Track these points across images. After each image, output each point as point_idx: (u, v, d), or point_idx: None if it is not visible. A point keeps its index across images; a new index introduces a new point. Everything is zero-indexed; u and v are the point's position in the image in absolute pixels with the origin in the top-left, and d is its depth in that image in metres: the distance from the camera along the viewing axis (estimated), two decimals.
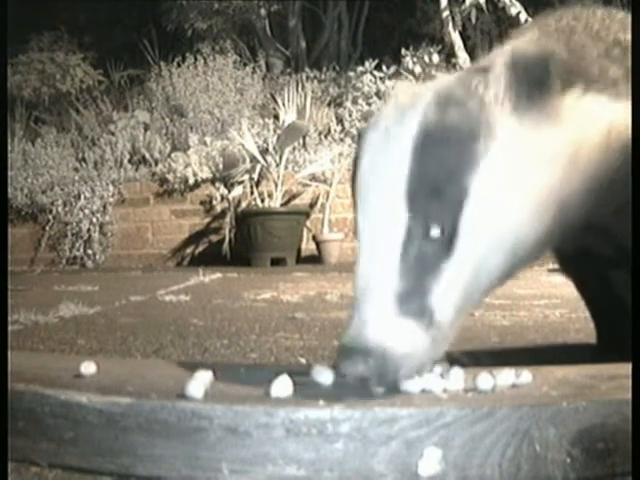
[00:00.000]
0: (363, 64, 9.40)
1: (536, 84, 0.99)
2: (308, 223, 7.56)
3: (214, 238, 7.74)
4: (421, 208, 0.92)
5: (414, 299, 0.92)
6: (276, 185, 7.44)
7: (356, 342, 0.90)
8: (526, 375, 1.02)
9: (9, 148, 7.92)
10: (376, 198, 0.95)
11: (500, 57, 1.02)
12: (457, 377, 1.00)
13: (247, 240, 7.15)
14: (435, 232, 0.92)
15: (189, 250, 7.86)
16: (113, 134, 8.42)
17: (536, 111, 1.00)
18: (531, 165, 0.99)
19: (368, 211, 0.96)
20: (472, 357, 1.09)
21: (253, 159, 7.49)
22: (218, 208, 7.72)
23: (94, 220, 7.71)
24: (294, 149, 7.91)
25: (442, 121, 0.95)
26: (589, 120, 1.06)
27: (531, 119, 0.99)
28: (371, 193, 0.96)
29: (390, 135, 0.98)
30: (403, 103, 1.01)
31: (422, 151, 0.93)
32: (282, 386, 0.96)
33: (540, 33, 1.21)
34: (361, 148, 1.02)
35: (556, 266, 1.62)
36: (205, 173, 7.73)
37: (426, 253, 0.92)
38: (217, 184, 7.69)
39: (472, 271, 0.96)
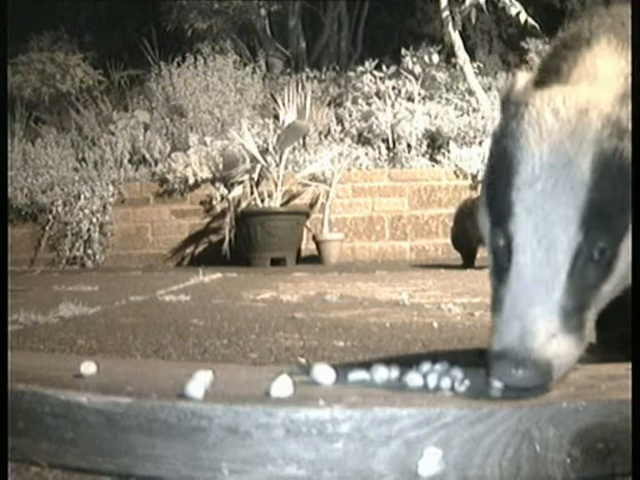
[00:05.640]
0: (363, 64, 9.41)
1: None
2: (308, 223, 7.56)
3: (214, 238, 7.74)
4: (593, 233, 0.98)
5: (575, 315, 0.97)
6: (276, 185, 7.44)
7: (523, 352, 0.92)
8: None
9: (9, 148, 7.91)
10: (548, 217, 0.98)
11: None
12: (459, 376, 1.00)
13: (247, 240, 7.15)
14: (599, 254, 0.99)
15: (189, 250, 7.86)
16: (113, 134, 8.42)
17: None
18: None
19: (537, 227, 0.99)
20: (472, 357, 1.09)
21: (253, 159, 7.49)
22: (218, 208, 7.72)
23: (94, 220, 7.71)
24: (294, 149, 7.91)
25: (620, 155, 1.00)
26: None
27: None
28: (541, 212, 0.98)
29: (563, 158, 0.99)
30: (565, 116, 1.02)
31: (600, 182, 0.98)
32: (282, 386, 0.96)
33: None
34: (513, 153, 1.02)
35: None
36: (205, 173, 7.73)
37: (589, 273, 0.99)
38: (217, 184, 7.69)
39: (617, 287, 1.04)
